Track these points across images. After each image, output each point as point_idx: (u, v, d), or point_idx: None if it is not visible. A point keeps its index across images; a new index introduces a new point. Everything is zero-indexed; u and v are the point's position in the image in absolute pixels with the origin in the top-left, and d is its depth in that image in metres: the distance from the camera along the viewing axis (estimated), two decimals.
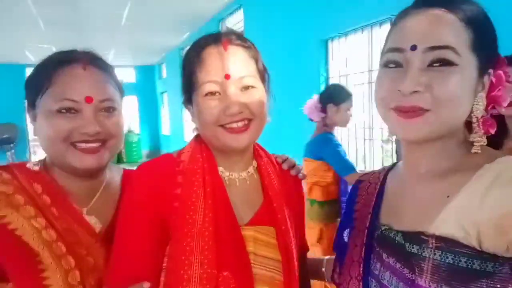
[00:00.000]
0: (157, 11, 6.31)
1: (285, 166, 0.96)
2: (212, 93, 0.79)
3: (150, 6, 5.94)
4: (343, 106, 2.33)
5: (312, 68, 3.93)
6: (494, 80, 0.63)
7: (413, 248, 0.62)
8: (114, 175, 0.97)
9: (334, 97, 2.35)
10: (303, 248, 0.97)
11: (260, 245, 0.82)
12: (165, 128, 12.49)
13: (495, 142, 0.70)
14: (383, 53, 0.66)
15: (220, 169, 0.85)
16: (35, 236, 0.75)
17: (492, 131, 0.64)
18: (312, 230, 2.29)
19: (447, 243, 0.57)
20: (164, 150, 10.94)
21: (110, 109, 0.87)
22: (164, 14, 6.59)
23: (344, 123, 2.39)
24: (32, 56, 8.21)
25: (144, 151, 12.14)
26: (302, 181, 1.00)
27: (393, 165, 0.82)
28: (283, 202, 0.87)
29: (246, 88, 0.80)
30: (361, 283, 0.71)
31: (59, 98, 0.82)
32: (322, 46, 3.85)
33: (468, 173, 0.59)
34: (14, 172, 0.82)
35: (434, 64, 0.58)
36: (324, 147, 2.29)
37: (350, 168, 2.24)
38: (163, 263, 0.78)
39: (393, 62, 0.62)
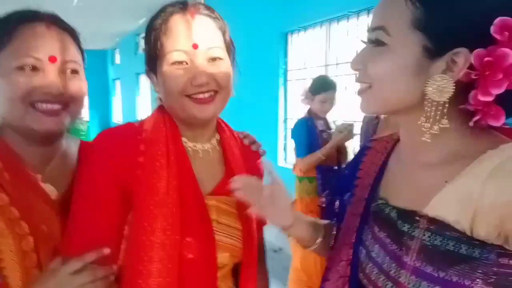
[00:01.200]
0: None
1: (246, 142, 0.98)
2: (179, 62, 0.77)
3: None
4: (318, 97, 2.53)
5: (272, 60, 3.99)
6: (484, 60, 0.53)
7: (404, 226, 0.62)
8: (70, 145, 0.93)
9: (312, 87, 2.58)
10: (261, 220, 0.99)
11: (222, 214, 0.84)
12: (117, 116, 12.04)
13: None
14: None
15: (184, 139, 0.85)
16: None
17: (496, 123, 0.56)
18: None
19: (438, 225, 0.58)
20: None
21: (73, 71, 0.83)
22: None
23: (321, 113, 2.58)
24: None
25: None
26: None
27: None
28: (244, 173, 0.89)
29: (214, 59, 0.80)
30: (351, 251, 0.72)
31: (21, 55, 0.77)
32: (282, 39, 3.92)
33: (469, 160, 0.57)
34: None
35: (373, 45, 0.62)
36: (294, 129, 2.60)
37: (301, 152, 2.48)
38: (124, 231, 0.76)
39: (364, 42, 0.68)
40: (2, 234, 0.71)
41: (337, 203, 0.86)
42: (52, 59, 0.79)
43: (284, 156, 4.10)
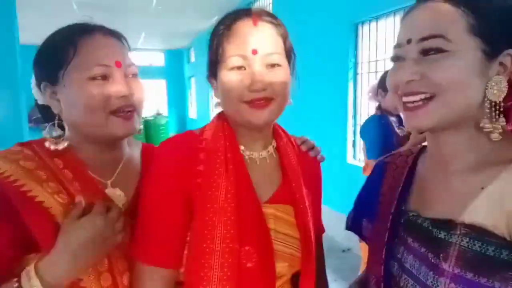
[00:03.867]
0: None
1: (304, 148, 0.97)
2: (238, 67, 0.79)
3: None
4: (390, 92, 2.34)
5: (341, 52, 3.85)
6: None
7: (440, 233, 0.63)
8: (133, 148, 0.98)
9: (383, 83, 2.41)
10: (319, 229, 0.97)
11: (280, 222, 0.83)
12: (192, 112, 12.64)
13: None
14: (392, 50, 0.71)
15: (241, 147, 0.86)
16: (61, 210, 0.76)
17: None
18: None
19: (475, 231, 0.58)
20: None
21: (134, 75, 0.89)
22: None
23: (394, 109, 2.40)
24: None
25: (172, 134, 12.37)
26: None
27: (422, 149, 0.81)
28: (301, 182, 0.88)
29: (272, 65, 0.80)
30: (382, 267, 0.72)
31: (91, 65, 0.81)
32: (352, 30, 3.75)
33: (501, 165, 0.59)
34: (34, 148, 0.83)
35: (427, 54, 0.61)
36: (364, 128, 2.49)
37: (375, 153, 2.30)
38: (187, 237, 0.80)
39: (396, 57, 0.67)
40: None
41: (365, 223, 0.86)
42: (118, 64, 0.83)
43: (353, 153, 3.94)
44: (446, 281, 0.59)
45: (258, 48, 0.78)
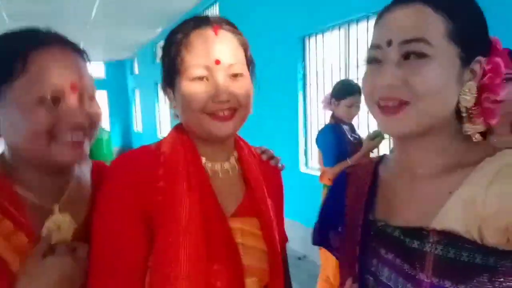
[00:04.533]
0: (129, 5, 6.12)
1: (264, 157, 0.95)
2: (200, 78, 0.75)
3: (122, 2, 5.77)
4: (343, 102, 2.43)
5: (290, 64, 3.93)
6: (487, 67, 0.61)
7: (413, 243, 0.61)
8: (83, 168, 0.88)
9: (336, 92, 2.47)
10: (283, 238, 0.94)
11: (247, 236, 0.80)
12: (138, 125, 12.22)
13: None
14: (367, 51, 0.68)
15: (203, 159, 0.81)
16: (5, 242, 0.68)
17: (493, 122, 0.63)
18: None
19: (448, 238, 0.57)
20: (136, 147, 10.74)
21: (91, 97, 0.79)
22: (137, 8, 6.41)
23: (347, 118, 2.47)
24: None
25: (115, 148, 11.83)
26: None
27: (381, 158, 0.80)
28: (265, 193, 0.86)
29: (235, 75, 0.77)
30: (356, 281, 0.70)
31: (40, 84, 0.70)
32: (300, 43, 3.86)
33: (469, 168, 0.59)
34: None
35: (408, 58, 0.59)
36: (319, 136, 2.51)
37: (331, 161, 2.37)
38: (148, 262, 0.73)
39: (373, 58, 0.64)
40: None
41: (331, 235, 0.83)
42: (73, 87, 0.73)
43: (305, 161, 4.02)
44: None
45: (221, 58, 0.75)
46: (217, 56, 0.75)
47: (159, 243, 0.71)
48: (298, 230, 3.53)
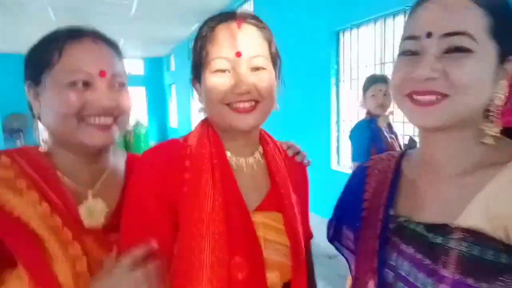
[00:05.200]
0: (167, 2, 6.28)
1: (290, 153, 0.95)
2: (221, 70, 0.76)
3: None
4: (368, 93, 2.44)
5: (323, 60, 3.88)
6: None
7: (437, 239, 0.60)
8: (118, 159, 0.94)
9: (363, 86, 2.50)
10: (307, 234, 0.94)
11: (270, 230, 0.81)
12: (173, 121, 12.53)
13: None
14: (400, 43, 0.65)
15: (228, 153, 0.83)
16: (41, 222, 0.72)
17: None
18: None
19: (473, 236, 0.56)
20: None
21: (121, 85, 0.84)
22: (174, 5, 6.57)
23: (374, 109, 2.43)
24: None
25: (152, 142, 12.22)
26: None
27: (404, 153, 0.79)
28: (289, 188, 0.86)
29: (257, 68, 0.77)
30: (376, 276, 0.68)
31: (72, 70, 0.78)
32: (333, 38, 3.80)
33: (495, 168, 0.58)
34: (14, 157, 0.78)
35: (450, 51, 0.58)
36: (353, 131, 2.51)
37: (362, 157, 2.30)
38: (174, 249, 0.75)
39: (409, 50, 0.62)
40: (57, 256, 0.72)
41: (348, 233, 0.81)
42: (102, 74, 0.80)
43: (337, 158, 3.97)
44: (446, 287, 0.57)
45: (242, 50, 0.76)
46: (239, 49, 0.75)
47: (184, 232, 0.74)
48: None
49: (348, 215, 0.81)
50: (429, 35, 0.58)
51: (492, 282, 0.53)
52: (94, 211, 0.81)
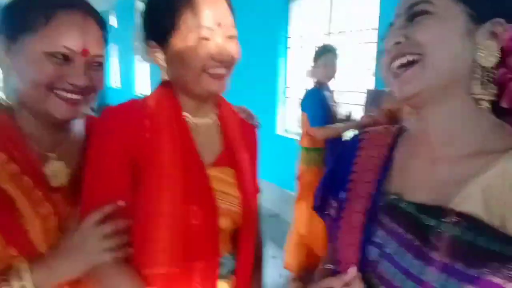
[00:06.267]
0: None
1: (242, 115, 1.04)
2: (205, 39, 0.80)
3: None
4: (319, 62, 2.55)
5: (272, 28, 3.91)
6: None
7: (430, 220, 0.59)
8: (78, 121, 0.94)
9: (314, 55, 2.59)
10: (255, 189, 1.04)
11: (223, 183, 0.89)
12: (115, 81, 11.89)
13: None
14: None
15: (185, 113, 0.89)
16: (11, 182, 0.74)
17: None
18: (297, 170, 2.71)
19: (467, 221, 0.55)
20: (112, 104, 10.51)
21: (99, 65, 0.84)
22: None
23: (324, 78, 2.56)
24: None
25: (91, 105, 11.51)
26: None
27: (400, 129, 0.77)
28: (241, 147, 0.95)
29: (231, 37, 0.84)
30: (358, 250, 0.68)
31: (55, 42, 0.76)
32: (285, 6, 3.82)
33: (494, 155, 0.57)
34: None
35: (413, 18, 0.61)
36: (306, 98, 2.60)
37: (318, 121, 2.47)
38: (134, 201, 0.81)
39: (390, 25, 0.67)
40: (28, 215, 0.75)
41: (332, 202, 0.80)
42: (85, 52, 0.79)
43: (284, 124, 4.11)
44: (434, 270, 0.56)
45: (221, 20, 0.81)
46: (219, 18, 0.81)
47: (145, 184, 0.80)
48: (272, 191, 3.69)
49: (335, 185, 0.80)
50: (398, 10, 0.64)
51: (482, 268, 0.52)
52: (57, 173, 0.83)
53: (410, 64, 0.60)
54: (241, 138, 0.96)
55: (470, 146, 0.61)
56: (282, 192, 3.80)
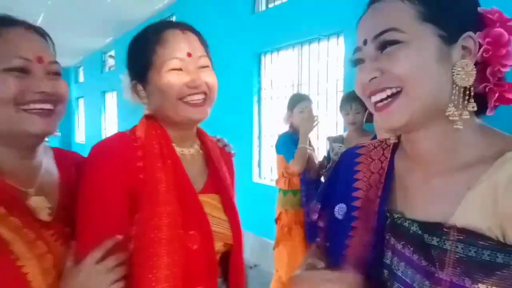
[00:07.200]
0: (80, 12, 5.97)
1: (220, 144, 1.11)
2: (176, 69, 0.87)
3: (71, 8, 5.61)
4: (295, 110, 2.69)
5: (246, 79, 4.10)
6: (486, 41, 0.58)
7: (432, 240, 0.59)
8: (46, 154, 0.92)
9: (288, 104, 2.75)
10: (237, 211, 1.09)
11: (213, 208, 0.94)
12: (79, 135, 11.64)
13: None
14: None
15: (174, 145, 0.93)
16: (1, 224, 0.71)
17: None
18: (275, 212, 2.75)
19: (469, 235, 0.55)
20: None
21: (57, 74, 0.85)
22: (88, 17, 6.27)
23: (303, 124, 2.60)
24: None
25: None
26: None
27: (398, 142, 0.75)
28: (225, 173, 1.01)
29: (203, 67, 0.90)
30: (366, 271, 0.66)
31: (8, 56, 0.76)
32: (255, 59, 4.05)
33: (488, 163, 0.57)
34: None
35: (383, 49, 0.60)
36: (280, 142, 2.72)
37: (291, 156, 2.54)
38: (132, 231, 0.81)
39: (357, 60, 0.66)
40: (24, 256, 0.72)
41: (329, 218, 0.78)
42: (40, 60, 0.80)
43: (259, 172, 4.16)
44: None
45: (191, 51, 0.89)
46: (188, 50, 0.88)
47: (143, 213, 0.81)
48: (249, 240, 3.63)
49: (336, 202, 0.78)
50: (365, 42, 0.62)
51: (487, 281, 0.52)
52: (39, 209, 0.80)
53: (391, 96, 0.60)
54: (222, 165, 1.02)
55: (462, 157, 0.61)
56: (260, 241, 3.75)
